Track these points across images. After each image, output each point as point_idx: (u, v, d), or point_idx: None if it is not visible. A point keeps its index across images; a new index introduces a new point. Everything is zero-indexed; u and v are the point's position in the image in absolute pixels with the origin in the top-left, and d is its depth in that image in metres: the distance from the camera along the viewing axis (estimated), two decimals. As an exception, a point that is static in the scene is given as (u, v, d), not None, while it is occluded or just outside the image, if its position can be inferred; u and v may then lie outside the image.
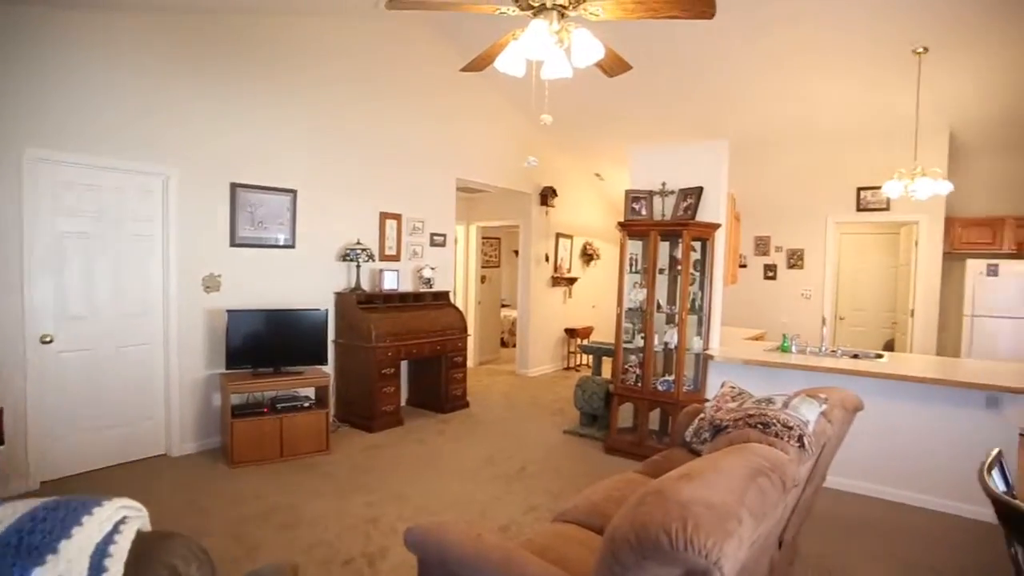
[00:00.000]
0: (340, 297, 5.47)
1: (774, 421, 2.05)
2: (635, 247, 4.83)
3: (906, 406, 3.98)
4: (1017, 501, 1.41)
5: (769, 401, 2.27)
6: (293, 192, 5.13)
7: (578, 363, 8.91)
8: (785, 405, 2.22)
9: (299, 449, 4.53)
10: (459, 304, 8.33)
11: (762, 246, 7.41)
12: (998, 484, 1.58)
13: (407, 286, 6.24)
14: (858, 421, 3.06)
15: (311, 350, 4.94)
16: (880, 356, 4.59)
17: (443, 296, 6.39)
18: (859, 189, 6.81)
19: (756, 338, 5.80)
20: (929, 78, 5.22)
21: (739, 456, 1.76)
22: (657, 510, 1.44)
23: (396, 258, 6.14)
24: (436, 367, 6.10)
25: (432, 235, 6.60)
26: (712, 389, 4.59)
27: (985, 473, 1.55)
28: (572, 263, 8.96)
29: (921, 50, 4.98)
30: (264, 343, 4.69)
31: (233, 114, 4.70)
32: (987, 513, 3.78)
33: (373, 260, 5.64)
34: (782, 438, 2.00)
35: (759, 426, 2.07)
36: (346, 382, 5.44)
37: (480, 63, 2.88)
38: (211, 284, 4.64)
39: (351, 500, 3.82)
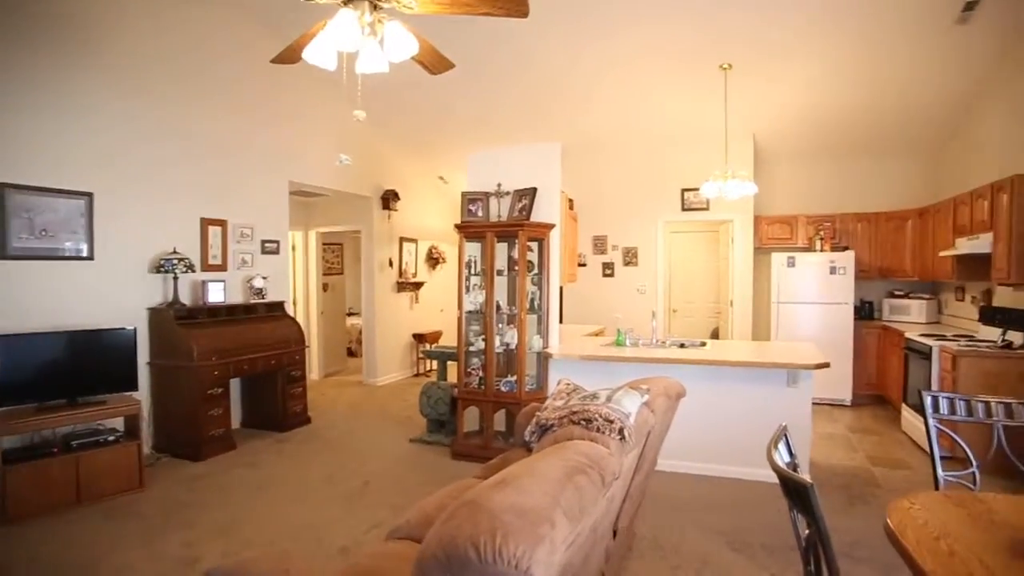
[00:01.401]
0: (155, 313, 4.88)
1: (596, 416, 2.10)
2: (474, 249, 4.83)
3: (725, 388, 4.36)
4: (794, 472, 1.53)
5: (594, 396, 2.33)
6: (88, 195, 4.47)
7: (428, 369, 8.80)
8: (609, 399, 2.29)
9: (103, 490, 3.95)
10: (299, 315, 7.87)
11: (600, 245, 7.81)
12: (783, 456, 1.72)
13: (236, 298, 5.74)
14: (684, 406, 3.28)
15: (117, 375, 4.35)
16: (704, 344, 5.00)
17: (278, 307, 5.96)
18: (683, 190, 7.41)
19: (596, 334, 6.08)
20: (734, 91, 5.80)
21: (557, 456, 1.77)
22: (467, 523, 1.39)
23: (222, 268, 5.62)
24: (273, 383, 5.68)
25: (264, 242, 6.14)
26: (553, 386, 4.70)
27: (772, 448, 1.68)
28: (418, 267, 8.84)
29: (727, 66, 5.51)
30: (54, 371, 4.03)
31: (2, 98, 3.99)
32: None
33: (193, 271, 5.11)
34: (604, 432, 2.05)
35: (582, 423, 2.11)
36: (165, 408, 4.87)
37: (290, 54, 2.68)
38: (-25, 306, 3.90)
39: (166, 542, 3.39)
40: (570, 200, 7.43)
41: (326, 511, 3.85)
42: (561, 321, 7.97)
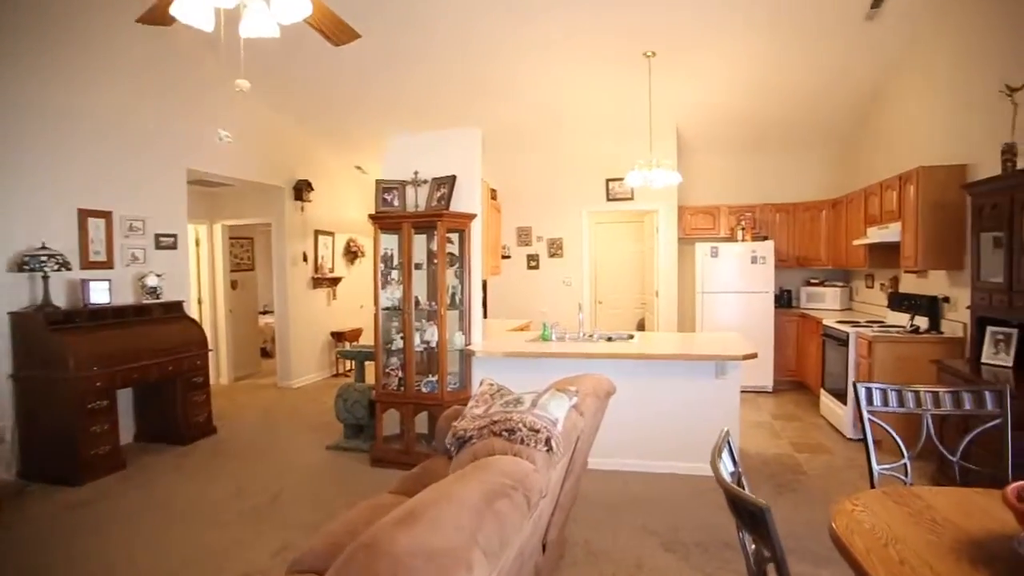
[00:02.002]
0: (18, 318, 4.27)
1: (520, 426, 1.87)
2: (390, 241, 4.51)
3: (654, 382, 4.25)
4: (741, 490, 1.36)
5: (518, 401, 2.10)
6: (-70, 184, 3.84)
7: (348, 368, 8.35)
8: (534, 404, 2.07)
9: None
10: (205, 315, 7.26)
11: (524, 236, 7.62)
12: (727, 466, 1.56)
13: (126, 298, 5.16)
14: (615, 401, 3.11)
15: (-29, 392, 3.76)
16: (632, 337, 4.89)
17: (175, 307, 5.42)
18: (608, 180, 7.33)
19: (522, 328, 5.88)
20: (658, 80, 5.73)
21: (476, 478, 1.52)
22: (366, 571, 1.12)
23: (107, 265, 5.02)
24: (171, 392, 5.14)
25: (158, 236, 5.55)
26: (477, 386, 4.46)
27: (716, 458, 1.50)
28: (335, 262, 8.36)
29: (650, 53, 5.43)
30: None
31: None
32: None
33: (69, 268, 4.50)
34: (529, 444, 1.83)
35: (504, 433, 1.88)
36: (35, 427, 4.27)
37: (159, 13, 2.28)
38: None
39: (29, 586, 2.92)
40: (493, 190, 7.20)
41: (231, 532, 3.46)
42: (485, 316, 7.76)
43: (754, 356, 4.04)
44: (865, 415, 2.29)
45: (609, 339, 4.83)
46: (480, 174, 4.66)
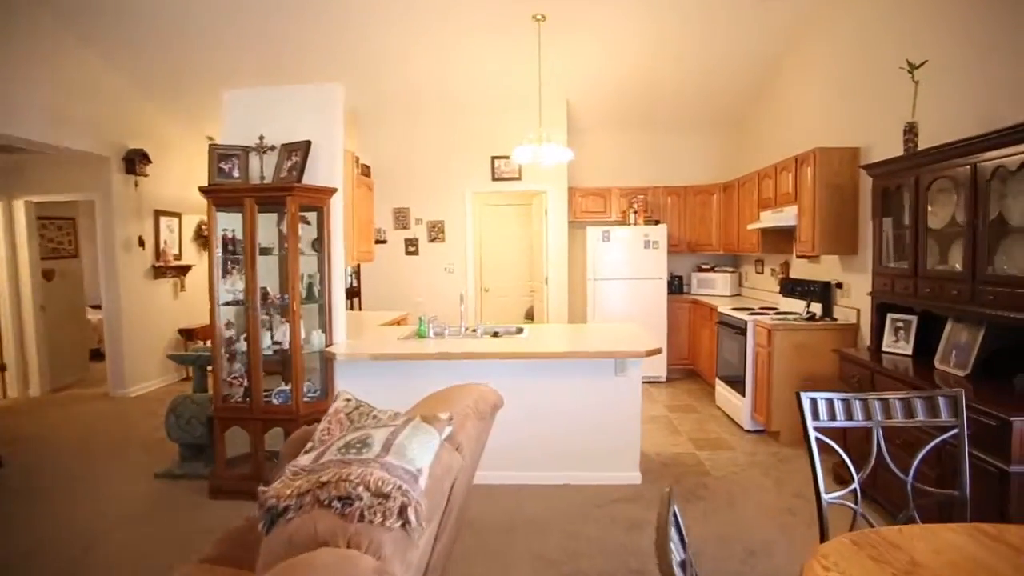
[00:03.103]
0: None
1: (359, 491, 1.22)
2: (231, 221, 3.64)
3: (548, 383, 3.75)
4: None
5: (363, 444, 1.44)
6: None
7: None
8: (386, 448, 1.42)
9: None
10: (4, 312, 5.90)
11: (402, 219, 6.86)
12: (679, 552, 1.01)
13: None
14: (504, 407, 2.53)
15: None
16: (520, 331, 4.36)
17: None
18: (493, 158, 6.75)
19: (397, 322, 5.18)
20: (548, 48, 5.21)
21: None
22: None
23: None
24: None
25: (-80, 213, 4.27)
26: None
27: (663, 537, 0.95)
28: (182, 247, 7.15)
29: (540, 17, 4.90)
30: None
31: None
32: (630, 476, 3.78)
33: None
34: (372, 519, 1.19)
35: (335, 503, 1.22)
36: None
37: None
38: None
39: None
40: (365, 166, 6.41)
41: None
42: (360, 308, 6.97)
43: (658, 352, 3.64)
44: (811, 433, 1.86)
45: (495, 334, 4.27)
46: (342, 141, 3.90)
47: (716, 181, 6.81)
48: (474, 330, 4.24)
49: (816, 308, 4.68)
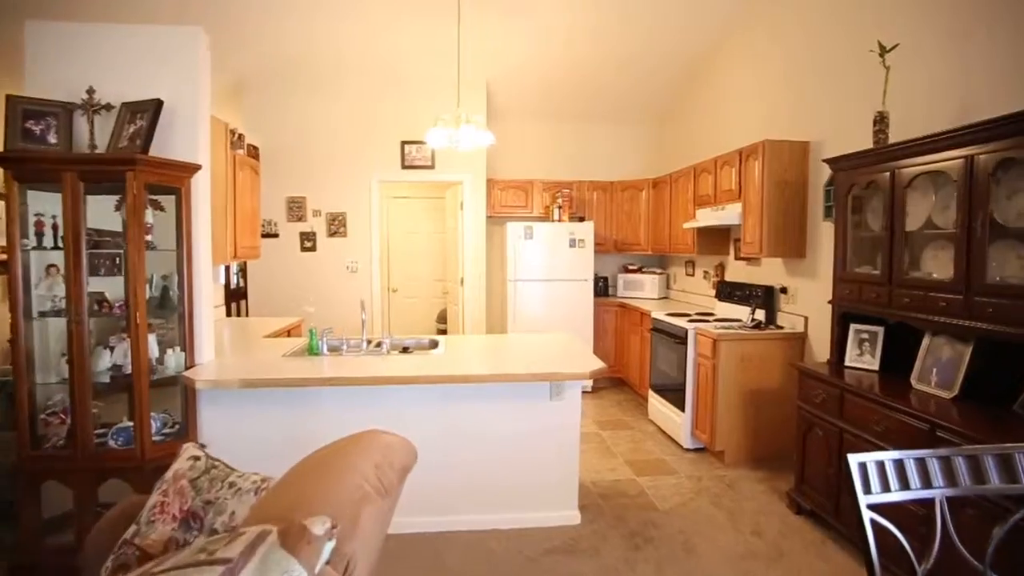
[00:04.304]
0: None
1: None
2: (44, 202, 2.69)
3: (471, 410, 3.09)
4: None
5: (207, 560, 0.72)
6: None
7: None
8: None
9: None
10: None
11: (297, 210, 5.92)
12: None
13: None
14: (419, 442, 1.82)
15: None
16: (435, 345, 3.66)
17: None
18: (404, 143, 5.98)
19: (288, 331, 4.33)
20: (469, 24, 4.55)
21: None
22: None
23: None
24: None
25: None
26: (208, 430, 2.89)
27: None
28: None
29: (461, -12, 4.24)
30: None
31: None
32: (568, 516, 3.16)
33: None
34: None
35: None
36: None
37: None
38: None
39: None
40: (253, 147, 5.46)
41: None
42: (248, 313, 5.99)
43: (603, 372, 3.08)
44: (866, 514, 1.31)
45: (405, 349, 3.56)
46: (208, 105, 3.03)
47: (646, 176, 6.39)
48: (379, 344, 3.50)
49: (759, 314, 4.31)
